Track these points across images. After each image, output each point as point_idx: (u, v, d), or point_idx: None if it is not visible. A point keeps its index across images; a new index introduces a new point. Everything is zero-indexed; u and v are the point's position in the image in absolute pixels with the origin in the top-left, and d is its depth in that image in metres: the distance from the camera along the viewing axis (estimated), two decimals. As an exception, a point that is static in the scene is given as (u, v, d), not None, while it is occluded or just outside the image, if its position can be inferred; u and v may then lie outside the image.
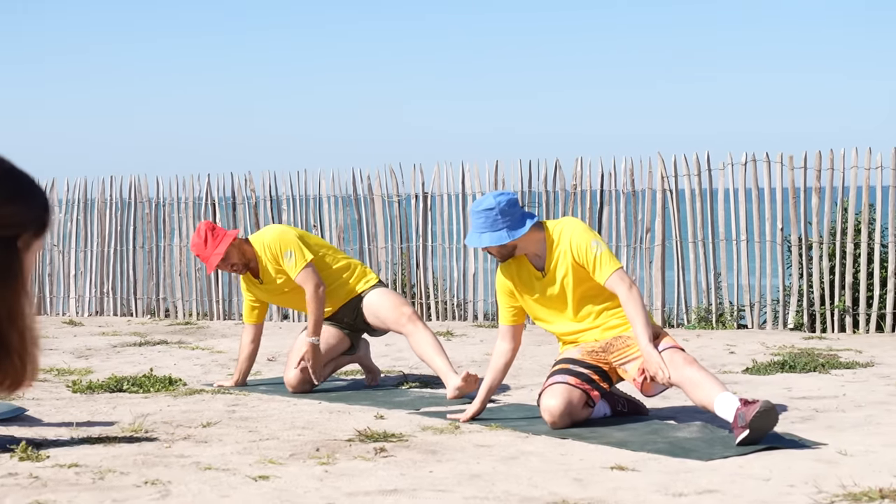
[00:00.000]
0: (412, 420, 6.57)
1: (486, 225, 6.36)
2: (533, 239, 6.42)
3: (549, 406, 6.20)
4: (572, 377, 6.27)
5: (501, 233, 6.33)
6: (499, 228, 6.34)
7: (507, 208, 6.34)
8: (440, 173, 12.89)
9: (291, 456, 5.56)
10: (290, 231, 7.80)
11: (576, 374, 6.29)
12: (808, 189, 11.39)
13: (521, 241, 6.40)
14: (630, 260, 12.04)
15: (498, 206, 6.34)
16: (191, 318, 13.74)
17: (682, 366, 6.03)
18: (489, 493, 4.77)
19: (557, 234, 6.40)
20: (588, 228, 6.43)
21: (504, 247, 6.40)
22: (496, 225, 6.34)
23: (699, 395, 5.94)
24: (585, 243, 6.32)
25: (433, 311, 12.91)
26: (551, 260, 6.39)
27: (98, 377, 8.26)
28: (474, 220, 6.42)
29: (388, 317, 7.73)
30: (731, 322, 11.63)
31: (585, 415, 6.35)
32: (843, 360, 8.78)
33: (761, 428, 5.61)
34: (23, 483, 4.99)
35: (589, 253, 6.30)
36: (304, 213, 13.43)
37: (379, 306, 7.80)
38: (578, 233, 6.37)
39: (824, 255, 11.26)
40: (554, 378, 6.32)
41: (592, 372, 6.33)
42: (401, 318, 7.67)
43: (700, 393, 5.93)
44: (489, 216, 6.35)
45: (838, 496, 4.61)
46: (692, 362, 6.06)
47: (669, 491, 4.79)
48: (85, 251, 14.54)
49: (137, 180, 14.31)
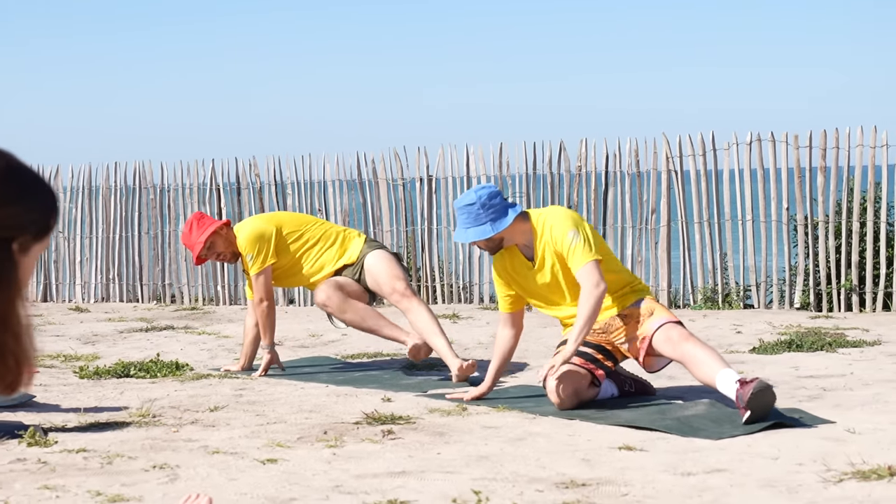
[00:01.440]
0: (419, 402, 6.57)
1: (470, 220, 6.39)
2: (519, 230, 6.43)
3: (556, 388, 6.20)
4: (576, 357, 6.27)
5: (485, 227, 6.36)
6: (482, 222, 6.37)
7: (489, 201, 6.36)
8: (444, 156, 12.87)
9: (299, 439, 5.56)
10: (266, 229, 7.84)
11: (580, 355, 6.29)
12: (813, 168, 11.37)
13: (507, 232, 6.41)
14: (636, 241, 12.02)
15: (479, 199, 6.36)
16: (196, 304, 13.74)
17: (679, 342, 6.07)
18: (497, 475, 4.77)
19: (541, 223, 6.41)
20: (569, 216, 6.40)
21: (490, 240, 6.42)
22: (479, 219, 6.37)
23: (701, 373, 5.97)
24: (562, 233, 6.32)
25: (439, 294, 12.90)
26: (539, 249, 6.41)
27: (105, 363, 8.27)
28: (458, 216, 6.47)
29: (384, 285, 7.80)
30: (738, 302, 11.62)
31: (592, 394, 6.35)
32: (850, 338, 8.77)
33: (760, 407, 5.61)
34: (31, 468, 5.00)
35: (564, 242, 6.30)
36: (309, 198, 13.41)
37: (377, 272, 7.85)
38: (559, 222, 6.36)
39: (830, 235, 11.24)
40: None
41: (596, 351, 6.34)
42: (394, 292, 7.72)
43: (701, 370, 5.96)
44: (471, 211, 6.38)
45: (847, 474, 4.61)
46: (688, 337, 6.08)
47: (678, 470, 4.79)
48: (90, 238, 14.54)
49: (142, 166, 14.30)
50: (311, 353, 8.93)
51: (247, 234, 7.83)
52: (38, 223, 1.91)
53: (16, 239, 1.87)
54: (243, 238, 7.82)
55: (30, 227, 1.89)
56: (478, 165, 12.73)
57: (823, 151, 11.28)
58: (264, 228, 7.85)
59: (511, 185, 12.57)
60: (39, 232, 1.91)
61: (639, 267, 12.02)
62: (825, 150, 11.27)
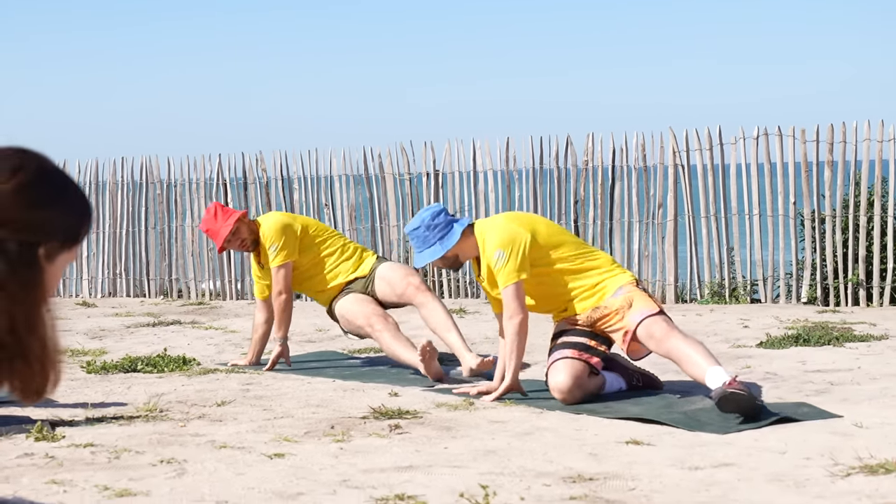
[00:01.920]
0: (426, 397, 6.57)
1: (420, 243, 6.48)
2: (470, 244, 6.50)
3: (557, 383, 6.21)
4: (570, 350, 6.30)
5: (435, 248, 6.45)
6: (431, 244, 6.46)
7: (432, 221, 6.45)
8: (451, 151, 12.87)
9: (306, 434, 5.56)
10: (291, 224, 7.85)
11: (573, 346, 6.31)
12: (820, 162, 11.35)
13: (458, 248, 6.47)
14: (642, 235, 12.02)
15: (423, 223, 6.46)
16: (203, 298, 13.75)
17: (662, 339, 6.10)
18: (504, 469, 4.77)
19: (481, 238, 6.45)
20: (504, 230, 6.37)
21: (445, 259, 6.49)
22: (428, 241, 6.46)
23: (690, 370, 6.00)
24: (491, 251, 6.35)
25: (445, 289, 12.90)
26: (484, 263, 6.47)
27: (112, 358, 8.28)
28: (411, 243, 6.54)
29: (397, 285, 7.77)
30: (745, 296, 11.61)
31: (595, 385, 6.36)
32: (858, 333, 8.76)
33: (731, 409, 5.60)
34: (39, 463, 5.01)
35: (491, 262, 6.35)
36: (316, 193, 13.42)
37: (390, 274, 7.84)
38: (490, 238, 6.37)
39: (837, 229, 11.23)
40: (555, 355, 6.35)
41: (588, 338, 6.36)
42: (408, 287, 7.70)
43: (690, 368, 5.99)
44: (418, 235, 6.47)
45: (854, 468, 4.61)
46: (670, 332, 6.10)
47: (685, 465, 4.79)
48: (97, 233, 14.55)
49: (148, 161, 14.30)
50: (318, 348, 8.94)
51: (272, 224, 7.84)
52: (67, 231, 1.87)
53: (42, 244, 1.86)
54: (269, 228, 7.81)
55: (58, 234, 1.86)
56: (484, 160, 12.73)
57: (830, 146, 11.26)
58: (290, 222, 7.88)
59: (518, 180, 12.57)
60: (68, 240, 1.88)
61: (646, 261, 12.01)
62: (832, 144, 11.26)
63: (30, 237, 1.83)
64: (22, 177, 1.85)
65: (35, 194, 1.84)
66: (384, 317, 7.64)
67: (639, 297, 6.32)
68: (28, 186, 1.84)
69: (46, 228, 1.85)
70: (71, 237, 1.89)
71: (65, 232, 1.87)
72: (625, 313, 6.27)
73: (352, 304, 7.75)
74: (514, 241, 6.30)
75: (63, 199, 1.88)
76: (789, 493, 4.34)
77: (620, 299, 6.32)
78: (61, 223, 1.87)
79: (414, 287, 7.69)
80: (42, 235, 1.84)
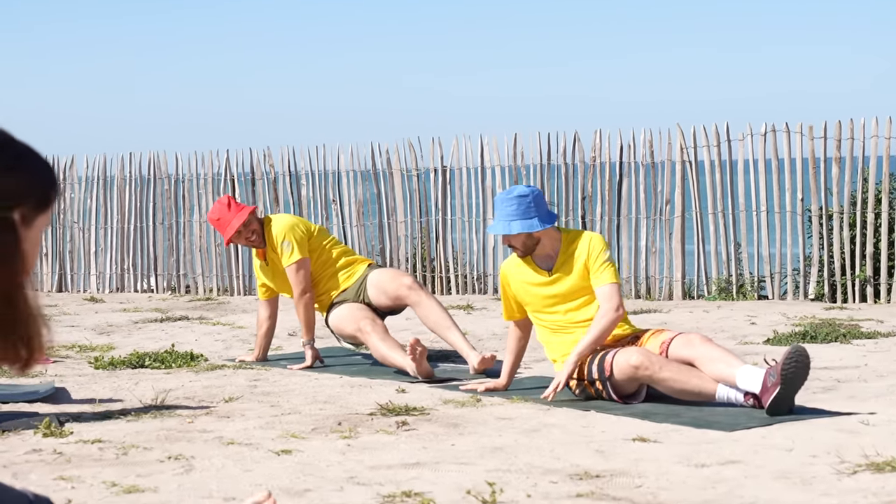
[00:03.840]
0: (433, 393, 6.58)
1: (519, 212, 6.27)
2: (553, 237, 6.40)
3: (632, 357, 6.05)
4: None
5: (534, 220, 6.27)
6: (531, 216, 6.27)
7: (540, 200, 6.34)
8: (459, 146, 12.87)
9: (313, 430, 5.57)
10: (300, 225, 7.85)
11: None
12: (828, 159, 11.35)
13: (545, 236, 6.36)
14: (650, 232, 12.02)
15: (532, 193, 6.32)
16: (211, 294, 13.77)
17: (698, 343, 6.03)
18: (511, 466, 4.78)
19: (574, 236, 6.40)
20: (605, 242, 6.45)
21: (531, 237, 6.32)
22: (529, 212, 6.27)
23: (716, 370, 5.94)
24: (601, 249, 6.32)
25: (453, 285, 12.91)
26: (562, 259, 6.37)
27: (120, 353, 8.29)
28: (504, 208, 6.31)
29: (389, 286, 7.75)
30: (752, 293, 11.61)
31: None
32: (865, 329, 8.75)
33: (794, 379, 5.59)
34: (47, 459, 5.02)
35: (601, 257, 6.29)
36: (324, 188, 13.43)
37: (382, 278, 7.84)
38: (599, 240, 6.38)
39: (845, 225, 11.22)
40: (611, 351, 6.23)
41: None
42: (400, 287, 7.69)
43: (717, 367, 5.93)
44: (522, 203, 6.27)
45: (861, 466, 4.61)
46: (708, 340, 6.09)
47: (692, 462, 4.79)
48: (105, 228, 14.57)
49: (156, 157, 14.33)
50: (324, 344, 8.95)
51: (283, 222, 7.84)
52: (36, 193, 1.88)
53: (15, 209, 1.87)
54: (279, 226, 7.80)
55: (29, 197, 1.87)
56: (492, 156, 12.73)
57: (838, 142, 11.25)
58: (300, 221, 7.91)
59: (525, 176, 12.57)
60: (40, 203, 1.89)
61: (653, 257, 12.02)
62: (840, 140, 11.25)
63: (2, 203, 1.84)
64: None
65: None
66: (373, 320, 7.62)
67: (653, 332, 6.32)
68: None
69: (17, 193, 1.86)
70: (42, 199, 1.90)
71: (35, 194, 1.89)
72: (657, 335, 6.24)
73: (343, 311, 7.75)
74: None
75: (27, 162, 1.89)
76: (796, 491, 4.34)
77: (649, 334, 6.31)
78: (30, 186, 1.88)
79: (406, 286, 7.67)
80: (13, 200, 1.85)
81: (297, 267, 7.74)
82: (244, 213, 7.75)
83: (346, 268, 7.93)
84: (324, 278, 7.89)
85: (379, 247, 13.13)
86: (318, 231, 7.99)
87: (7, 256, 1.84)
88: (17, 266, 1.85)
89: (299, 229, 7.82)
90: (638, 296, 12.05)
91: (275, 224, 7.83)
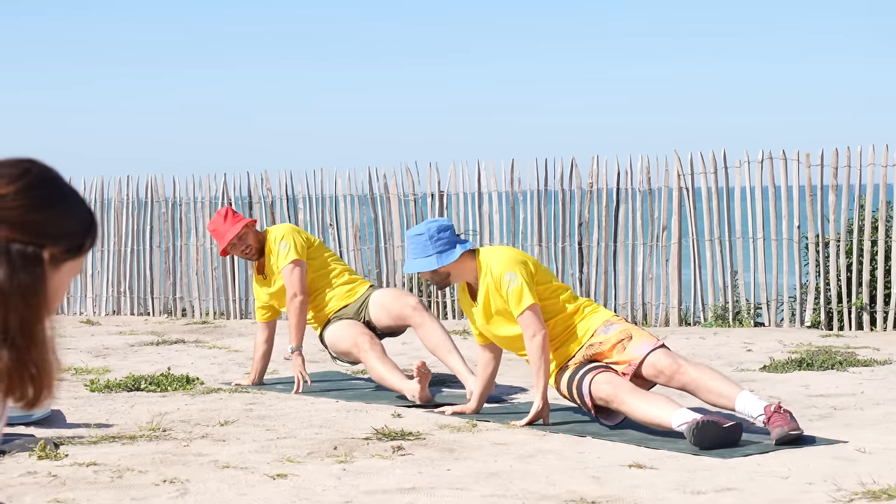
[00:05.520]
0: (429, 418, 6.57)
1: (417, 251, 6.38)
2: (468, 267, 6.41)
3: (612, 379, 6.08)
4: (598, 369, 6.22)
5: (430, 259, 6.34)
6: (428, 254, 6.35)
7: (437, 233, 6.35)
8: (456, 172, 12.89)
9: (309, 454, 5.56)
10: (301, 232, 7.89)
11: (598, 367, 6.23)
12: (825, 186, 11.37)
13: (455, 269, 6.38)
14: (646, 258, 12.03)
15: (427, 231, 6.36)
16: (207, 318, 13.77)
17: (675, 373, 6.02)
18: (507, 492, 4.77)
19: (485, 263, 6.37)
20: (511, 257, 6.35)
21: (437, 273, 6.39)
22: (426, 251, 6.35)
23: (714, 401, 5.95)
24: (499, 275, 6.28)
25: (449, 310, 12.91)
26: (482, 288, 6.37)
27: (116, 376, 8.28)
28: (408, 247, 6.45)
29: (393, 306, 7.71)
30: (749, 320, 11.61)
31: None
32: (861, 357, 8.75)
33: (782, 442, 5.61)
34: (42, 482, 5.01)
35: (503, 286, 6.27)
36: (321, 213, 13.44)
37: (385, 298, 7.81)
38: (498, 263, 6.31)
39: (841, 253, 11.23)
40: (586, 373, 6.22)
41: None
42: (405, 307, 7.66)
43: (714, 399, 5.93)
44: (419, 241, 6.37)
45: (857, 494, 4.60)
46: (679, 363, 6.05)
47: (688, 489, 4.78)
48: (102, 250, 14.57)
49: (154, 180, 14.34)
50: (321, 368, 8.94)
51: (283, 226, 7.89)
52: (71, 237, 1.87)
53: (46, 248, 1.87)
54: (279, 228, 7.85)
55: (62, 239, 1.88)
56: (489, 181, 12.75)
57: (835, 170, 11.27)
58: (301, 230, 7.94)
59: (522, 202, 12.58)
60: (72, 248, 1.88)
61: (649, 284, 12.02)
62: (837, 168, 11.27)
63: (33, 239, 1.84)
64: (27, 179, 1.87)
65: (38, 196, 1.86)
66: (371, 338, 7.59)
67: (636, 331, 6.27)
68: (31, 188, 1.86)
69: (50, 231, 1.86)
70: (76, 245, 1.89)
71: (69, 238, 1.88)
72: (626, 345, 6.21)
73: (340, 328, 7.71)
74: (525, 264, 6.31)
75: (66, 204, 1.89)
76: (792, 519, 4.33)
77: (616, 333, 6.26)
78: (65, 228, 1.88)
79: (411, 307, 7.65)
80: (45, 238, 1.85)
81: (293, 267, 7.71)
82: (239, 226, 7.76)
83: (348, 284, 7.91)
84: (323, 291, 7.86)
85: (376, 271, 13.13)
86: (319, 244, 8.00)
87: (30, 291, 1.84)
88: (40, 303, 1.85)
89: (299, 235, 7.85)
90: (634, 322, 12.04)
91: (275, 228, 7.89)
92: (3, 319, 1.83)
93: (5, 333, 1.84)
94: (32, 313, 1.84)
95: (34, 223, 1.85)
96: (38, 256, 1.85)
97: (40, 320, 1.86)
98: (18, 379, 1.87)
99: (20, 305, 1.83)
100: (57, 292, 1.89)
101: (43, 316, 1.86)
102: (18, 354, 1.85)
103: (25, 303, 1.83)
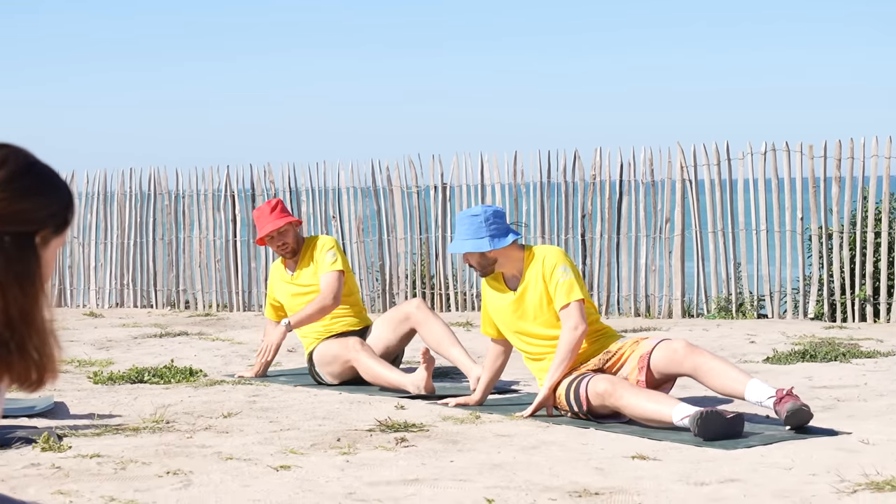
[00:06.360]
0: (432, 410, 6.57)
1: (470, 231, 6.35)
2: (514, 256, 6.40)
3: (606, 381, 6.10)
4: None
5: (483, 240, 6.32)
6: (481, 236, 6.33)
7: (493, 217, 6.35)
8: (459, 164, 12.89)
9: (312, 446, 5.57)
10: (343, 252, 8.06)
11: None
12: (828, 178, 11.36)
13: (502, 254, 6.37)
14: (650, 250, 12.02)
15: (484, 213, 6.36)
16: (210, 310, 13.77)
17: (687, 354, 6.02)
18: (510, 483, 4.77)
19: (534, 254, 6.38)
20: (564, 255, 6.40)
21: (484, 257, 6.37)
22: (479, 232, 6.33)
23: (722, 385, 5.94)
24: (554, 266, 6.29)
25: (452, 302, 12.91)
26: (526, 278, 6.37)
27: (119, 368, 8.29)
28: (459, 227, 6.42)
29: (396, 314, 7.81)
30: (752, 312, 11.60)
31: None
32: (865, 349, 8.75)
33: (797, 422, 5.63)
34: (45, 473, 5.01)
35: (555, 275, 6.27)
36: (324, 205, 13.44)
37: (385, 314, 7.98)
38: (552, 255, 6.35)
39: (845, 245, 11.23)
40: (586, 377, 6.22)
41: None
42: (408, 306, 7.75)
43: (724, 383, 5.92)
44: (474, 222, 6.34)
45: (861, 485, 4.60)
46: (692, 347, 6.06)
47: (691, 480, 4.78)
48: (105, 243, 14.58)
49: (157, 172, 14.34)
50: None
51: (332, 239, 7.94)
52: (57, 217, 1.92)
53: (38, 233, 1.88)
54: (329, 240, 7.90)
55: (50, 220, 1.90)
56: (492, 173, 12.74)
57: (838, 161, 11.26)
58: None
59: (525, 194, 12.58)
60: (59, 226, 1.93)
61: (653, 276, 12.02)
62: (840, 160, 11.26)
63: (23, 228, 1.86)
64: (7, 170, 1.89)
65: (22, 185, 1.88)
66: (362, 342, 7.59)
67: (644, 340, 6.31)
68: (14, 178, 1.88)
69: (38, 217, 1.89)
70: (61, 223, 1.93)
71: (55, 217, 1.92)
72: (640, 342, 6.24)
73: (332, 342, 7.70)
74: (576, 268, 6.38)
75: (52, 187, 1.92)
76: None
77: (630, 341, 6.33)
78: (51, 210, 1.91)
79: (414, 306, 7.70)
80: (35, 224, 1.88)
81: (339, 275, 7.77)
82: (282, 221, 7.80)
83: (357, 317, 7.95)
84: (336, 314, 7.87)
85: (378, 263, 13.14)
86: (350, 272, 8.02)
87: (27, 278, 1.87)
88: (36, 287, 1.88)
89: (344, 254, 7.93)
90: (637, 314, 12.05)
91: (324, 237, 7.94)
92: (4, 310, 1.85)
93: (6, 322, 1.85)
94: (30, 300, 1.87)
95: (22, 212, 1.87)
96: (31, 244, 1.87)
97: (38, 305, 1.88)
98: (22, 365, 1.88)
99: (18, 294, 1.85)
100: (48, 270, 1.91)
101: (40, 301, 1.88)
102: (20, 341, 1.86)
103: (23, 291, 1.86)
